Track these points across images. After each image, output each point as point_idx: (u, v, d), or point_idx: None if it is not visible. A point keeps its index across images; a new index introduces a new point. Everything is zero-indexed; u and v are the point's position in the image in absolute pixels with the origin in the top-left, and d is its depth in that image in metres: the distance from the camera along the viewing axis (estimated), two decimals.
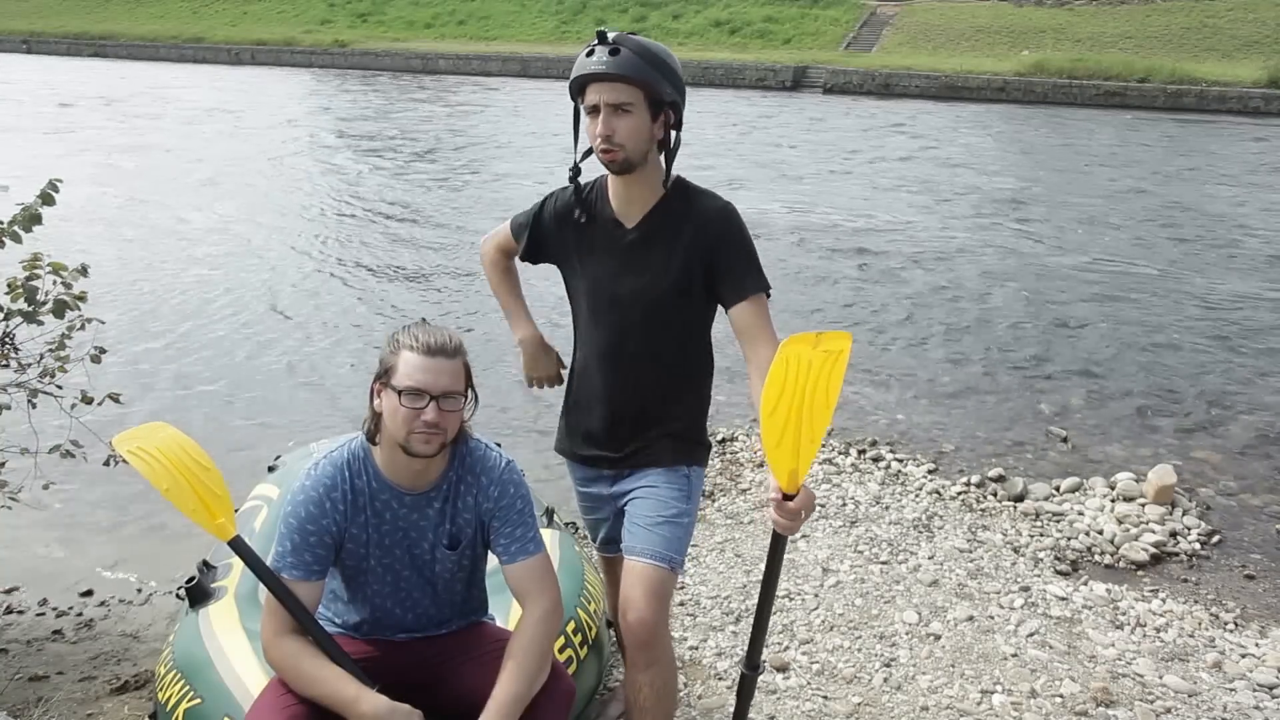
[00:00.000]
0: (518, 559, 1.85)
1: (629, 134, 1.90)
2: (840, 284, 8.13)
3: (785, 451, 1.65)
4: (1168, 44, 25.64)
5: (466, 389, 1.77)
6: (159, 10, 40.52)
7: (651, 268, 2.04)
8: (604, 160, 1.95)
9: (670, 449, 2.14)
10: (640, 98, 1.89)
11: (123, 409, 3.55)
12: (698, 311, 2.11)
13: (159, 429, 1.90)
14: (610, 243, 2.08)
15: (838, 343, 1.59)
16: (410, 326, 1.76)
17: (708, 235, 2.02)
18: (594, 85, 1.88)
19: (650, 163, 1.99)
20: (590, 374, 2.18)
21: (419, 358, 1.70)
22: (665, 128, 1.97)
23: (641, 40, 1.90)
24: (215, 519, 1.80)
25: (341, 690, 1.69)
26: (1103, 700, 2.79)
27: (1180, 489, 4.35)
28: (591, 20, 32.95)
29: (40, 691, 2.86)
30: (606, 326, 2.12)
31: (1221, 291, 7.98)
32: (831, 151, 15.35)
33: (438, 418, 1.70)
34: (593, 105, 1.90)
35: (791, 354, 1.61)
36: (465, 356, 1.77)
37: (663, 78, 1.90)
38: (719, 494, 4.20)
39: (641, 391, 2.12)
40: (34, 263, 3.02)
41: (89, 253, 6.96)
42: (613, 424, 2.16)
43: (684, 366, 2.16)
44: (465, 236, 9.66)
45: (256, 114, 19.44)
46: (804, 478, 1.69)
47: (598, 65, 1.85)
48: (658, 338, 2.09)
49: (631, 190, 2.03)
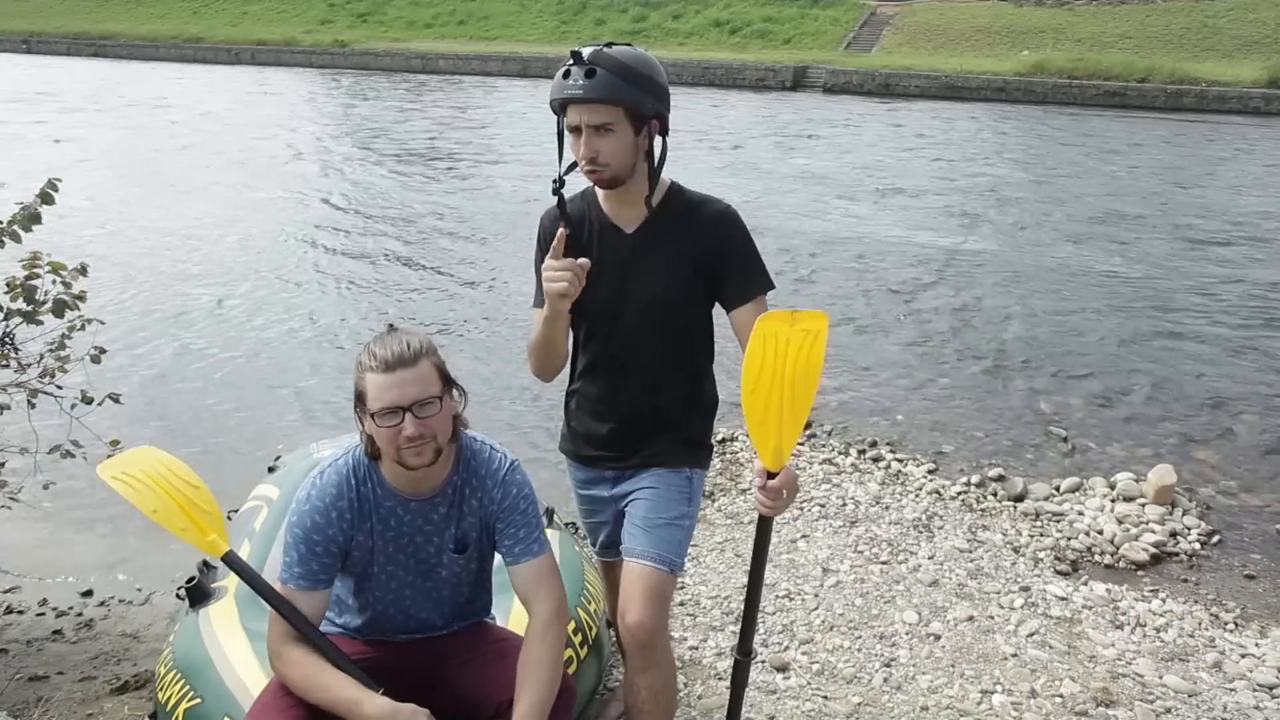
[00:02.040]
0: (522, 560, 1.85)
1: (612, 153, 1.90)
2: (840, 284, 8.13)
3: (769, 429, 1.68)
4: (1168, 44, 25.63)
5: (444, 388, 1.74)
6: (159, 10, 40.53)
7: (655, 275, 2.03)
8: (591, 179, 1.96)
9: (673, 451, 2.14)
10: (620, 115, 1.87)
11: (123, 408, 3.55)
12: (700, 315, 2.11)
13: (145, 453, 1.91)
14: (609, 250, 2.05)
15: (814, 322, 1.61)
16: (369, 345, 1.73)
17: (711, 241, 2.02)
18: (573, 107, 1.87)
19: (638, 173, 1.98)
20: (594, 379, 2.17)
21: (381, 376, 1.67)
22: (650, 137, 1.96)
23: (618, 55, 1.85)
24: (206, 536, 1.81)
25: (345, 695, 1.69)
26: (1103, 700, 2.79)
27: (1180, 489, 4.35)
28: (591, 20, 32.94)
29: (40, 691, 2.86)
30: (610, 333, 2.11)
31: (1221, 291, 7.98)
32: (831, 152, 15.34)
33: (418, 428, 1.68)
34: (574, 126, 1.89)
35: (769, 331, 1.63)
36: (432, 356, 1.73)
37: (643, 92, 1.87)
38: (719, 494, 4.20)
39: (647, 396, 2.12)
40: (33, 262, 3.02)
41: (87, 252, 6.97)
42: (618, 428, 2.15)
43: (688, 370, 2.15)
44: (465, 235, 9.67)
45: (256, 114, 19.43)
46: (789, 456, 1.71)
47: (574, 89, 1.84)
48: (662, 343, 2.09)
49: (623, 200, 2.03)
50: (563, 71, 1.87)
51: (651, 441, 2.14)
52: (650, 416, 2.13)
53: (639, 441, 2.14)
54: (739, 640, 1.93)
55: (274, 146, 15.30)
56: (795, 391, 1.63)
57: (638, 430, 2.14)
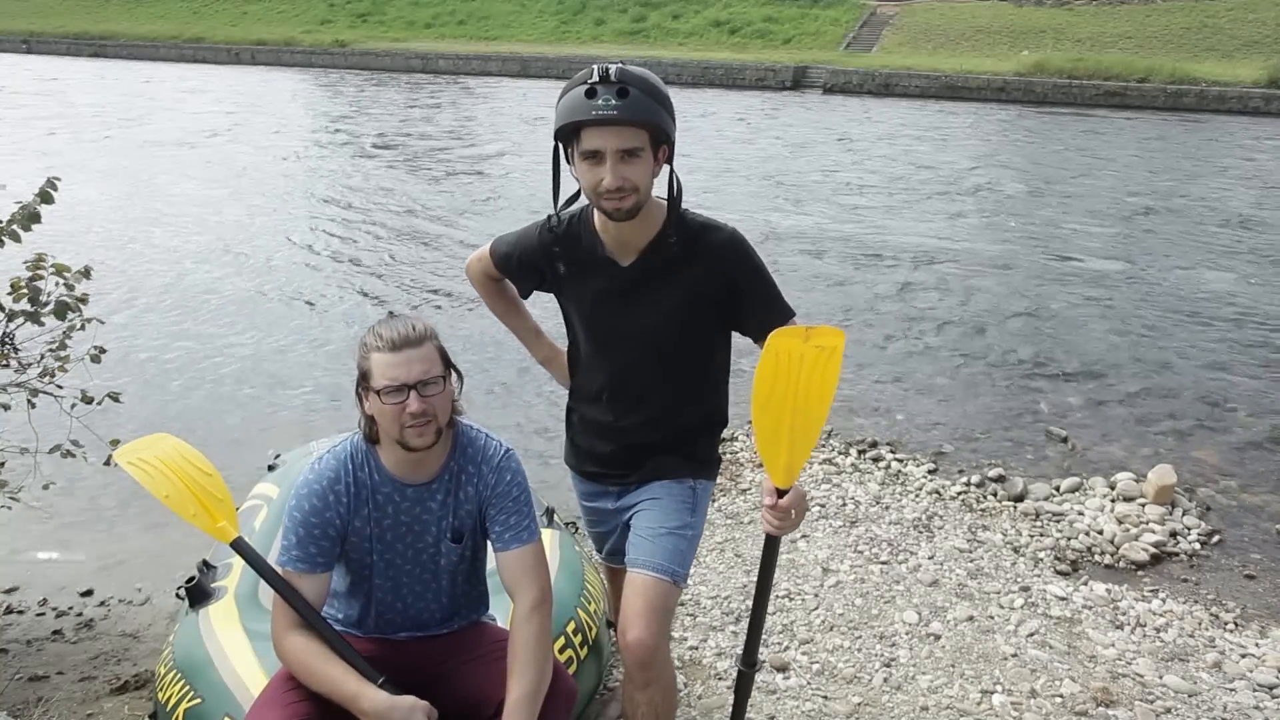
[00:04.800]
0: (511, 546, 1.86)
1: (640, 180, 1.78)
2: (839, 285, 8.13)
3: (779, 446, 1.65)
4: (1168, 44, 25.62)
5: (446, 369, 1.78)
6: (159, 10, 40.51)
7: (656, 307, 1.95)
8: (609, 209, 1.80)
9: (679, 465, 2.10)
10: (647, 140, 1.76)
11: (123, 408, 3.55)
12: (707, 342, 2.04)
13: (160, 440, 1.94)
14: (606, 281, 1.96)
15: (829, 339, 1.58)
16: (374, 327, 1.77)
17: (721, 272, 1.92)
18: (597, 130, 1.72)
19: (649, 204, 1.87)
20: (595, 401, 2.13)
21: (388, 355, 1.71)
22: (660, 164, 1.85)
23: (641, 74, 1.74)
24: (216, 522, 1.82)
25: (345, 685, 1.71)
26: (1103, 700, 2.79)
27: (1180, 489, 4.35)
28: (591, 20, 32.92)
29: (40, 691, 2.86)
30: (610, 362, 2.06)
31: (1222, 291, 7.98)
32: (830, 152, 15.35)
33: (422, 406, 1.71)
34: (593, 150, 1.74)
35: (781, 347, 1.60)
36: (435, 339, 1.77)
37: (668, 115, 1.78)
38: (719, 494, 4.20)
39: (649, 424, 2.08)
40: (38, 264, 3.02)
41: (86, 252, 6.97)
42: (623, 450, 2.12)
43: (693, 397, 2.10)
44: (463, 234, 9.66)
45: (255, 114, 19.42)
46: (799, 474, 1.69)
47: (605, 110, 1.68)
48: (666, 371, 2.03)
49: (630, 230, 1.89)
50: (584, 90, 1.71)
51: (655, 459, 2.10)
52: (655, 438, 2.09)
53: (643, 460, 2.11)
54: (744, 652, 1.92)
55: (273, 146, 15.29)
56: (807, 409, 1.60)
57: (642, 450, 2.11)
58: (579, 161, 1.79)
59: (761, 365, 1.61)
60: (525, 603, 1.82)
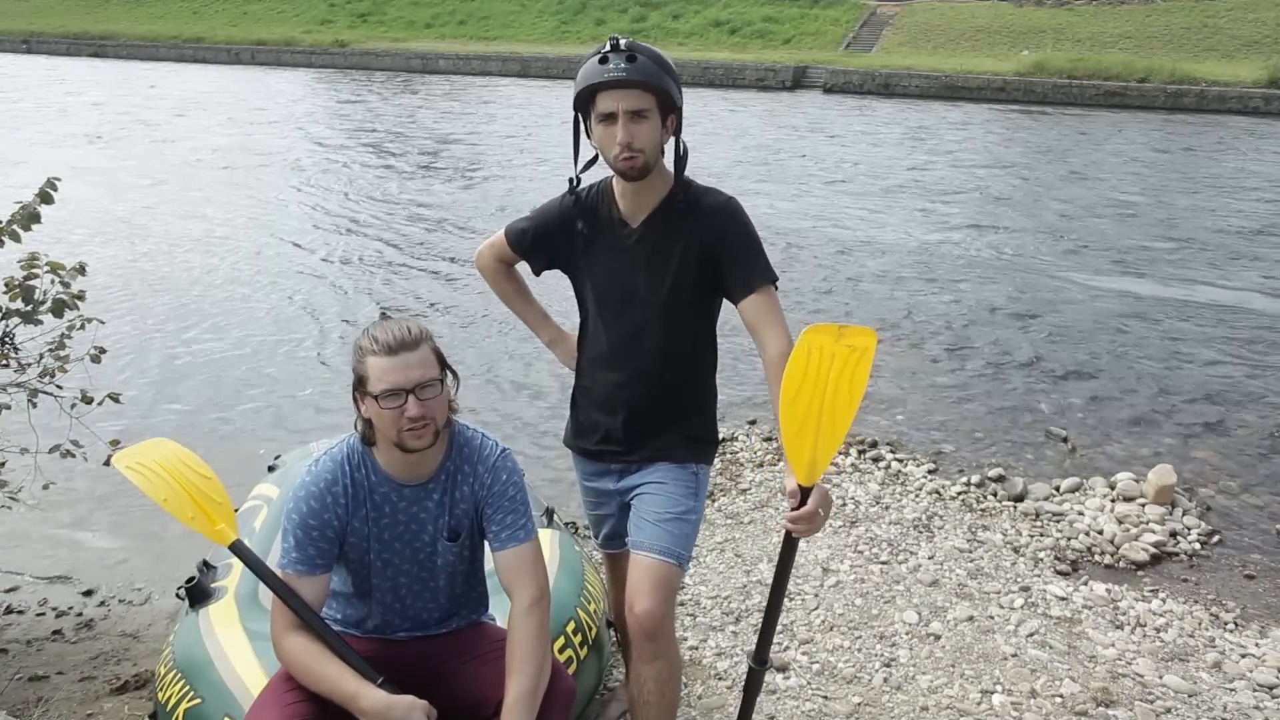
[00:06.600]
0: (508, 545, 1.86)
1: (647, 140, 1.93)
2: (839, 285, 8.13)
3: (805, 442, 1.65)
4: (1168, 44, 25.62)
5: (442, 371, 1.79)
6: (159, 10, 40.49)
7: (659, 266, 2.06)
8: (623, 168, 1.95)
9: (680, 446, 2.15)
10: (654, 103, 1.92)
11: (123, 408, 3.55)
12: (705, 308, 2.14)
13: (158, 444, 1.95)
14: (615, 242, 2.09)
15: (862, 339, 1.60)
16: (368, 330, 1.77)
17: (712, 231, 2.04)
18: (610, 93, 1.89)
19: (658, 168, 2.02)
20: (602, 373, 2.19)
21: (385, 359, 1.71)
22: (669, 132, 2.00)
23: (649, 46, 1.93)
24: (215, 525, 1.83)
25: (344, 685, 1.71)
26: (1103, 700, 2.79)
27: (1180, 489, 4.35)
28: (591, 20, 32.92)
29: (40, 691, 2.86)
30: (617, 326, 2.13)
31: (1221, 291, 7.98)
32: (829, 152, 15.34)
33: (421, 409, 1.72)
34: (608, 113, 1.91)
35: (814, 343, 1.61)
36: (430, 341, 1.78)
37: (674, 83, 1.94)
38: (719, 494, 4.20)
39: (654, 390, 2.14)
40: (31, 262, 3.02)
41: (86, 252, 6.97)
42: (626, 422, 2.16)
43: (694, 363, 2.18)
44: (464, 233, 9.66)
45: (255, 114, 19.42)
46: (822, 472, 1.69)
47: (616, 72, 1.86)
48: (669, 335, 2.10)
49: (641, 192, 2.04)
50: (598, 58, 1.89)
51: (658, 436, 2.15)
52: (657, 409, 2.15)
53: (645, 436, 2.16)
54: (755, 649, 1.94)
55: (273, 147, 15.29)
56: (836, 407, 1.61)
57: (644, 423, 2.15)
58: (595, 126, 1.95)
59: (793, 360, 1.63)
60: (523, 601, 1.82)
